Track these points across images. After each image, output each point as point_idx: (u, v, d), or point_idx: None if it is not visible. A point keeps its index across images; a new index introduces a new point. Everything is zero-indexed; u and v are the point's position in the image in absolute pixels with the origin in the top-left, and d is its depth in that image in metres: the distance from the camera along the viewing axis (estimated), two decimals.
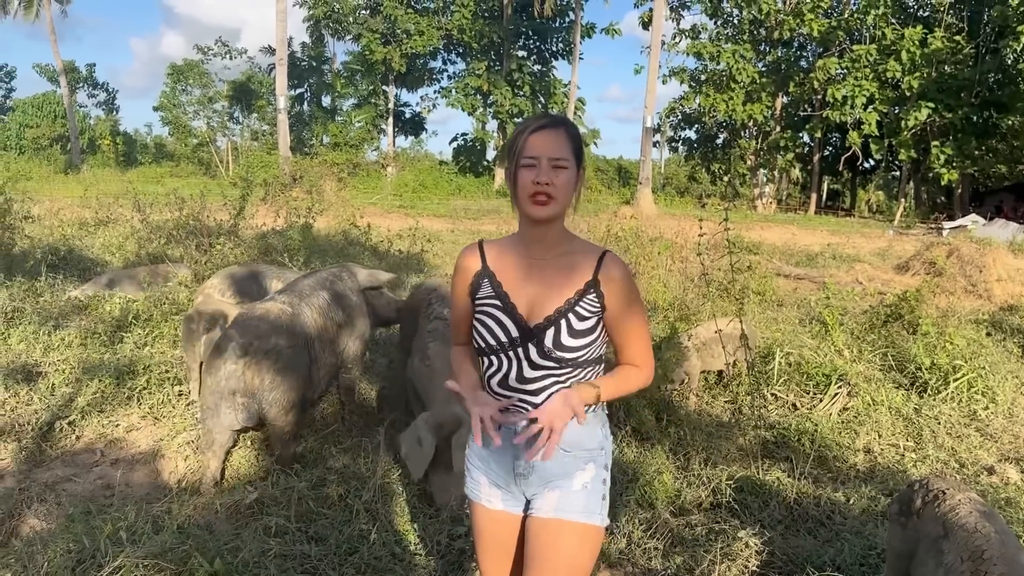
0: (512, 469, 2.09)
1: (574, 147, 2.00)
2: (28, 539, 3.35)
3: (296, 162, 27.89)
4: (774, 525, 3.89)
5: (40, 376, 5.33)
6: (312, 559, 3.36)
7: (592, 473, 2.09)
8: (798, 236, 18.79)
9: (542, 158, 1.96)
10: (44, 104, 42.79)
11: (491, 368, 2.08)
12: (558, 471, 2.07)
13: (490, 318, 2.06)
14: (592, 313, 2.02)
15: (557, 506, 2.05)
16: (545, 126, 1.99)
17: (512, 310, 2.04)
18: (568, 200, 2.02)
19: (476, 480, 2.18)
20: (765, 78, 31.26)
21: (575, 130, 2.04)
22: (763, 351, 6.14)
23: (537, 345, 2.00)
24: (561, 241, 2.08)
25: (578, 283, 2.02)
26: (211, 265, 7.63)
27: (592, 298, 2.02)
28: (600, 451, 2.11)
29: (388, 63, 36.23)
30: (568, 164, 1.98)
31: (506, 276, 2.09)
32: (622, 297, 2.03)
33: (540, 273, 2.06)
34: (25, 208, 10.02)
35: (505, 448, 2.09)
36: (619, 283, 2.03)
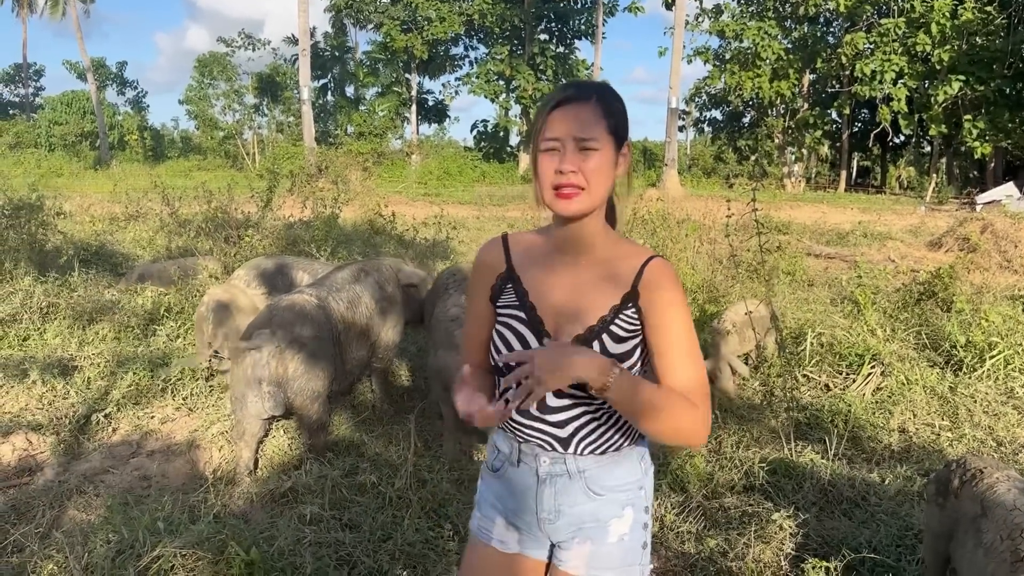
0: (535, 512, 1.75)
1: (610, 123, 1.59)
2: (68, 530, 3.41)
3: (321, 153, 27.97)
4: (808, 507, 3.86)
5: (76, 370, 5.42)
6: (347, 546, 3.39)
7: (630, 521, 1.73)
8: (828, 214, 18.54)
9: (566, 140, 1.57)
10: (73, 101, 43.32)
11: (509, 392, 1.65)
12: (590, 518, 1.73)
13: (511, 332, 1.70)
14: (630, 333, 1.64)
15: (590, 563, 1.73)
16: (569, 99, 1.60)
17: (538, 325, 1.68)
18: (604, 190, 1.61)
19: (489, 518, 1.84)
20: (791, 55, 30.81)
21: (612, 100, 1.63)
22: (794, 332, 6.08)
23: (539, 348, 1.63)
24: (601, 242, 1.69)
25: (615, 295, 1.65)
26: (240, 257, 7.69)
27: (630, 314, 1.64)
28: (639, 491, 1.75)
29: (410, 51, 36.22)
30: (600, 145, 1.57)
31: (533, 281, 1.72)
32: (666, 314, 1.62)
33: (573, 280, 1.68)
34: (57, 205, 10.15)
35: (525, 488, 1.75)
36: (662, 295, 1.62)
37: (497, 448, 1.83)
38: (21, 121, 43.48)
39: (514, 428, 1.75)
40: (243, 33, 40.98)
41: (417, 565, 3.33)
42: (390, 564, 3.30)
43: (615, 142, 1.61)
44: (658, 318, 1.62)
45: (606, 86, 1.67)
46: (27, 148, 36.25)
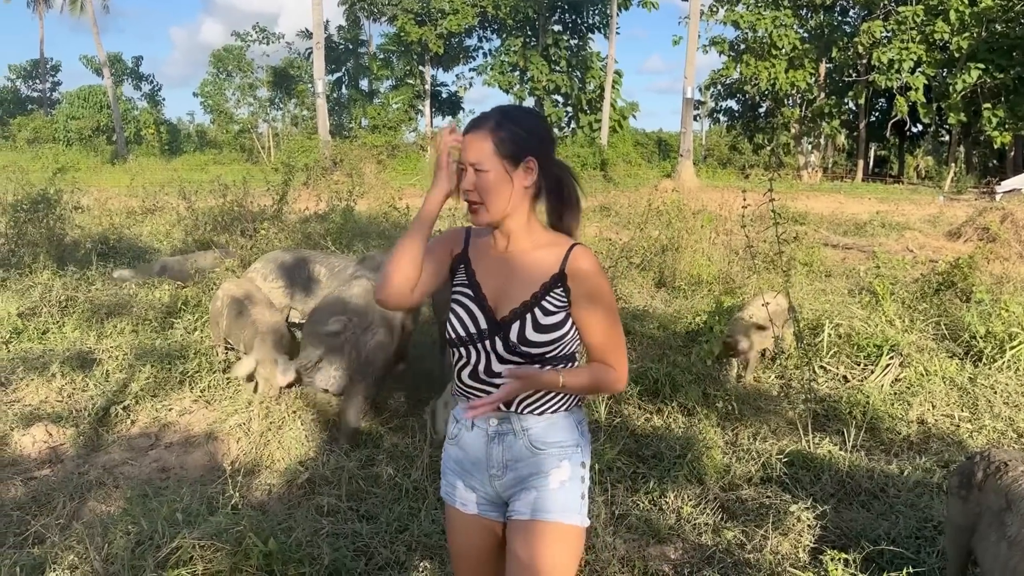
0: (486, 469, 2.04)
1: (500, 148, 1.91)
2: (88, 521, 3.44)
3: (336, 146, 28.05)
4: (826, 499, 3.83)
5: (95, 363, 5.46)
6: (363, 537, 3.41)
7: (568, 471, 2.01)
8: (845, 205, 18.41)
9: (466, 164, 1.92)
10: (90, 96, 43.55)
11: (461, 360, 2.02)
12: (532, 470, 2.01)
13: (462, 308, 2.01)
14: (559, 308, 1.95)
15: (535, 507, 1.99)
16: (469, 128, 1.95)
17: (482, 301, 1.99)
18: (502, 201, 1.93)
19: (451, 483, 2.12)
20: (807, 44, 30.54)
21: (506, 128, 1.93)
22: (812, 323, 6.04)
23: (503, 339, 1.95)
24: (527, 235, 2.00)
25: (544, 276, 1.95)
26: (256, 250, 7.72)
27: (559, 292, 1.95)
28: (575, 448, 2.04)
29: (424, 43, 36.18)
30: (488, 167, 1.90)
31: (479, 267, 2.04)
32: (589, 291, 1.95)
33: (508, 266, 1.99)
34: (75, 199, 10.23)
35: (478, 448, 2.04)
36: (586, 276, 1.94)
37: (455, 418, 2.12)
38: (39, 116, 43.81)
39: (465, 392, 2.05)
40: (257, 27, 41.07)
41: (434, 556, 3.34)
42: (407, 555, 3.31)
43: (508, 162, 1.92)
44: (582, 295, 1.95)
45: (510, 113, 1.97)
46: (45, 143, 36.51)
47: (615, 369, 2.01)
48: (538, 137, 1.98)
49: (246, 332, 5.03)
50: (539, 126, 2.01)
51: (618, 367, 2.01)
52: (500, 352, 1.96)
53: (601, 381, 2.00)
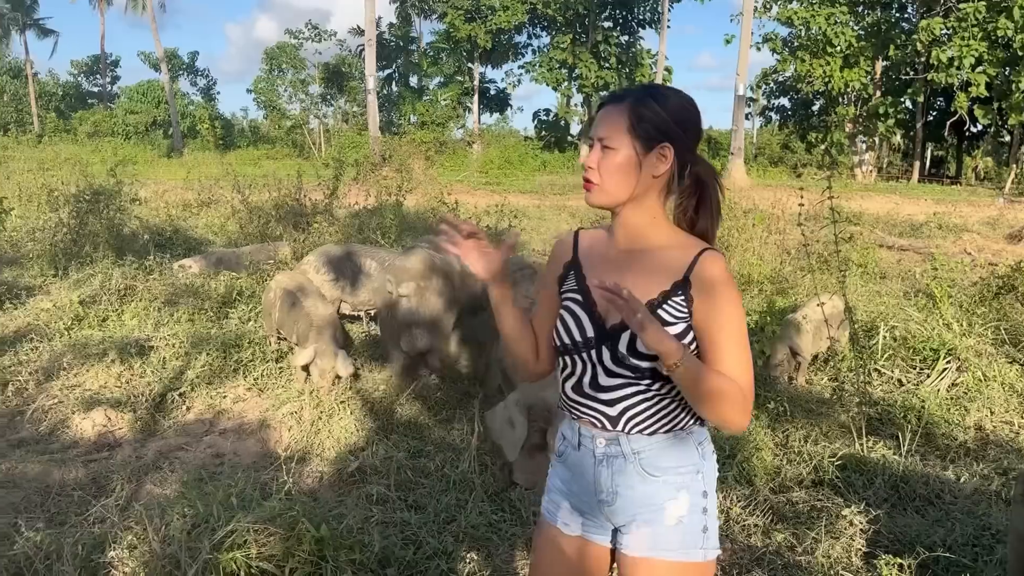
0: (595, 493, 1.82)
1: (637, 125, 1.70)
2: (146, 503, 3.53)
3: (385, 142, 28.32)
4: (880, 503, 3.76)
5: (152, 350, 5.59)
6: (412, 526, 3.44)
7: (686, 504, 1.77)
8: (901, 205, 17.99)
9: (595, 138, 1.75)
10: (148, 91, 44.68)
11: (566, 370, 1.83)
12: (645, 500, 1.77)
13: (570, 314, 1.81)
14: (678, 319, 1.70)
15: (651, 544, 1.77)
16: (606, 102, 1.77)
17: (591, 306, 1.78)
18: (622, 188, 1.72)
19: (555, 502, 1.93)
20: (863, 42, 29.89)
21: (648, 104, 1.72)
22: (866, 325, 5.93)
23: (611, 349, 1.73)
24: (651, 233, 1.77)
25: (665, 282, 1.71)
26: (309, 243, 7.84)
27: (680, 301, 1.70)
28: (695, 475, 1.78)
29: (473, 40, 36.29)
30: (617, 144, 1.70)
31: (591, 268, 1.84)
32: (716, 305, 1.69)
33: (625, 268, 1.77)
34: (133, 191, 10.50)
35: (586, 470, 1.83)
36: (714, 286, 1.69)
37: (562, 435, 1.92)
38: (99, 110, 45.01)
39: (569, 406, 1.85)
40: (310, 24, 41.64)
41: (481, 548, 3.36)
42: (455, 546, 3.34)
43: (641, 144, 1.71)
44: (709, 308, 1.69)
45: (655, 91, 1.77)
46: (104, 136, 37.53)
47: (744, 393, 1.69)
48: (681, 124, 1.74)
49: (299, 324, 5.12)
50: (684, 112, 1.75)
51: (747, 393, 1.70)
52: (608, 364, 1.75)
53: (719, 392, 1.64)
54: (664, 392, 1.74)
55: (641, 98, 1.73)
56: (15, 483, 3.94)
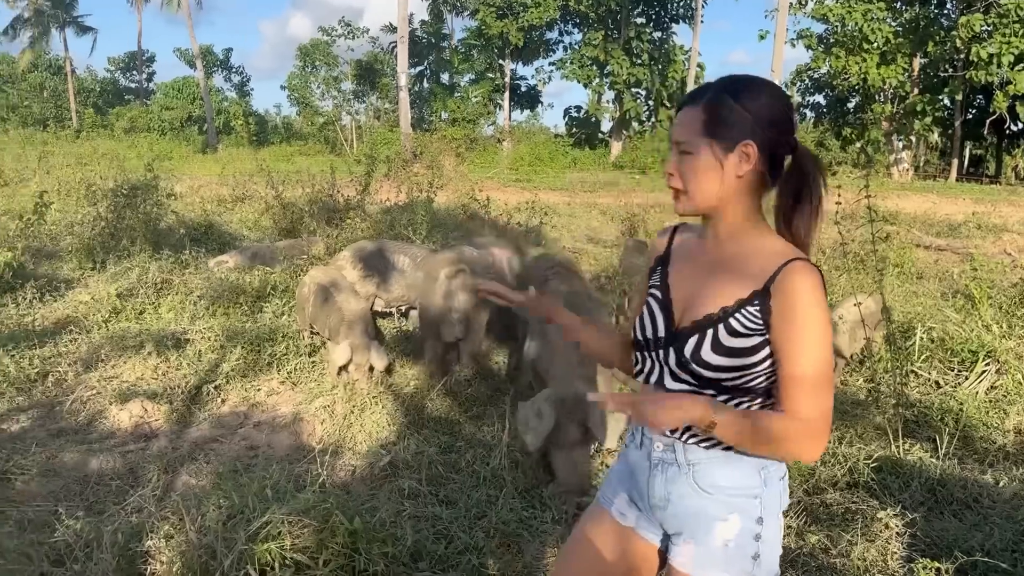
0: (648, 498, 1.77)
1: (710, 126, 1.61)
2: (183, 494, 3.58)
3: (416, 138, 28.46)
4: (916, 506, 3.71)
5: (188, 343, 5.67)
6: (443, 521, 3.46)
7: (736, 528, 1.66)
8: (938, 205, 17.71)
9: (672, 143, 1.67)
10: (183, 88, 45.26)
11: (637, 367, 1.79)
12: (694, 515, 1.69)
13: (647, 309, 1.76)
14: (751, 331, 1.59)
15: (696, 562, 1.69)
16: (685, 101, 1.67)
17: (667, 305, 1.73)
18: (707, 193, 1.64)
19: (614, 490, 1.88)
20: (901, 38, 29.43)
21: (721, 102, 1.62)
22: (903, 326, 5.84)
23: (677, 352, 1.65)
24: (743, 235, 1.68)
25: (743, 290, 1.61)
26: (342, 239, 7.89)
27: (754, 311, 1.59)
28: (752, 499, 1.67)
29: (505, 37, 36.28)
30: (693, 148, 1.62)
31: (677, 267, 1.78)
32: (793, 319, 1.55)
33: (709, 270, 1.69)
34: (169, 186, 10.64)
35: (641, 472, 1.78)
36: (796, 300, 1.55)
37: (632, 431, 1.87)
38: (136, 106, 45.70)
39: None
40: (343, 22, 41.93)
41: (512, 544, 3.37)
42: (485, 541, 3.35)
43: (719, 144, 1.61)
44: (786, 326, 1.56)
45: (737, 84, 1.65)
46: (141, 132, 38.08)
47: (802, 419, 1.55)
48: (765, 118, 1.62)
49: (332, 318, 5.16)
50: (769, 104, 1.63)
51: (807, 415, 1.55)
52: (673, 367, 1.68)
53: (778, 435, 1.54)
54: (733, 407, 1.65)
55: (717, 95, 1.64)
56: (55, 472, 4.02)
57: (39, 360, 5.41)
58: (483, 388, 5.22)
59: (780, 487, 1.74)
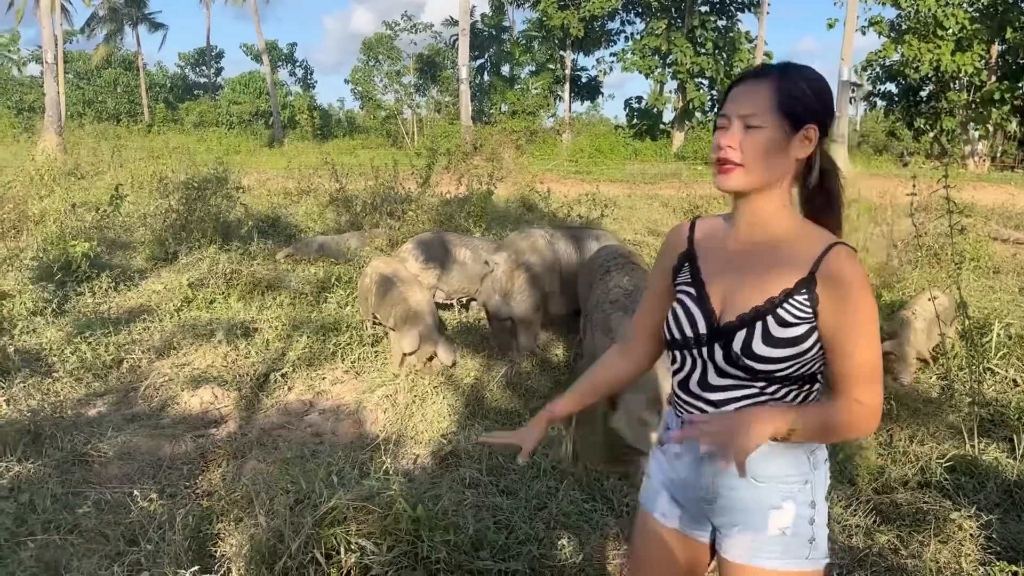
0: (695, 491, 1.76)
1: (783, 103, 1.58)
2: (252, 479, 3.67)
3: (477, 131, 28.53)
4: (991, 508, 3.59)
5: (256, 332, 5.81)
6: (504, 511, 3.47)
7: (792, 515, 1.66)
8: (1017, 197, 17.01)
9: (733, 116, 1.60)
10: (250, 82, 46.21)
11: (675, 366, 1.77)
12: (747, 505, 1.69)
13: (682, 307, 1.72)
14: (800, 319, 1.59)
15: (752, 552, 1.69)
16: (747, 76, 1.64)
17: (705, 301, 1.70)
18: (767, 170, 1.60)
19: (655, 490, 1.86)
20: (978, 24, 28.34)
21: (796, 81, 1.61)
22: (979, 322, 5.64)
23: (724, 348, 1.64)
24: (777, 222, 1.66)
25: (788, 279, 1.60)
26: (404, 231, 7.98)
27: (803, 300, 1.59)
28: (804, 486, 1.68)
29: (565, 28, 36.10)
30: (763, 123, 1.58)
31: (708, 260, 1.74)
32: (846, 304, 1.56)
33: (744, 261, 1.67)
34: (237, 179, 10.90)
35: (687, 467, 1.76)
36: (845, 285, 1.56)
37: (667, 424, 1.85)
38: (205, 101, 46.89)
39: (678, 404, 1.78)
40: (406, 15, 42.30)
41: (572, 535, 3.36)
42: (546, 532, 3.35)
43: (789, 123, 1.59)
44: (837, 310, 1.57)
45: (795, 67, 1.65)
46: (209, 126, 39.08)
47: (865, 405, 1.60)
48: (824, 102, 1.63)
49: (397, 308, 5.22)
50: (827, 91, 1.65)
51: (870, 402, 1.60)
52: (719, 363, 1.66)
53: (845, 425, 1.61)
54: (778, 397, 1.65)
55: (787, 73, 1.62)
56: (130, 455, 4.16)
57: (114, 347, 5.61)
58: (543, 380, 5.22)
59: (826, 469, 1.74)
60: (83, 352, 5.44)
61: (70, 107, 39.74)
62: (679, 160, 30.48)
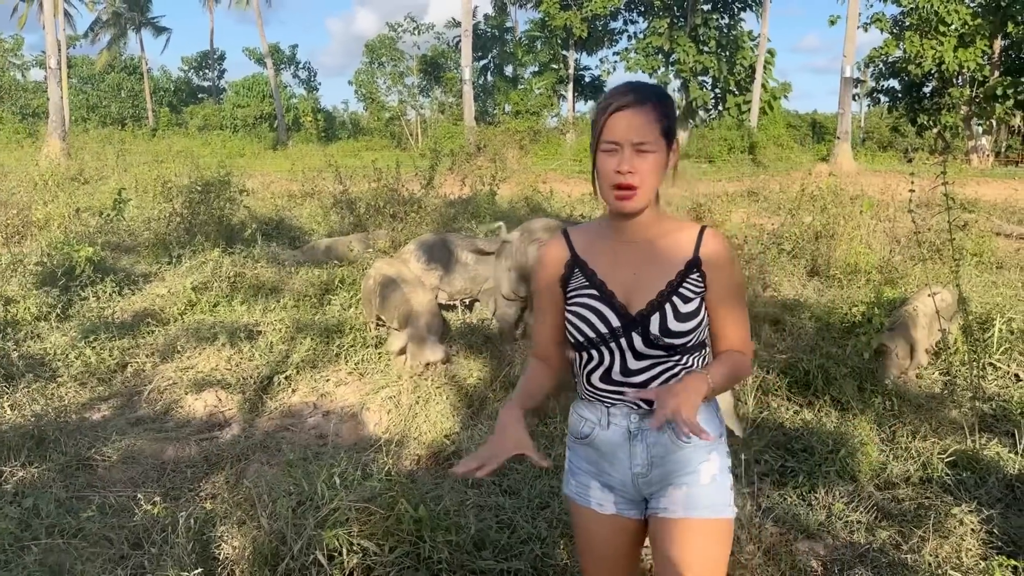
0: (629, 468, 1.92)
1: (663, 125, 1.78)
2: (255, 481, 3.69)
3: (480, 131, 28.55)
4: (993, 503, 3.60)
5: (259, 334, 5.82)
6: (506, 511, 3.48)
7: (717, 463, 1.92)
8: (1020, 192, 16.96)
9: (624, 144, 1.76)
10: (253, 85, 46.34)
11: (591, 363, 1.91)
12: (681, 466, 1.90)
13: (587, 309, 1.89)
14: (696, 294, 1.85)
15: (686, 504, 1.89)
16: (628, 104, 1.77)
17: (611, 298, 1.87)
18: (656, 186, 1.82)
19: (584, 484, 2.01)
20: (980, 19, 28.25)
21: (666, 102, 1.82)
22: (981, 317, 5.64)
23: (643, 333, 1.84)
24: (654, 221, 1.88)
25: (679, 263, 1.86)
26: (407, 232, 7.99)
27: (695, 278, 1.85)
28: (720, 439, 1.95)
29: (568, 28, 36.13)
30: (655, 147, 1.77)
31: (599, 263, 1.91)
32: (725, 276, 1.87)
33: (635, 257, 1.88)
34: (241, 182, 10.92)
35: (618, 446, 1.92)
36: (722, 260, 1.86)
37: (583, 417, 1.99)
38: (209, 104, 47.02)
39: (600, 396, 1.93)
40: (408, 17, 42.35)
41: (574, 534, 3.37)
42: (548, 531, 3.36)
43: (666, 142, 1.80)
44: (721, 282, 1.87)
45: (660, 90, 1.87)
46: (213, 130, 39.18)
47: (746, 354, 1.93)
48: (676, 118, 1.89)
49: (400, 309, 5.24)
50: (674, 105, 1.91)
51: (749, 352, 1.94)
52: (638, 348, 1.86)
53: (739, 370, 1.91)
54: (688, 366, 1.89)
55: (661, 99, 1.81)
56: (134, 458, 4.19)
57: (119, 351, 5.64)
58: None
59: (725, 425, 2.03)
60: (87, 356, 5.47)
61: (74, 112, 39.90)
62: (683, 158, 30.37)
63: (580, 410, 2.00)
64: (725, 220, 9.99)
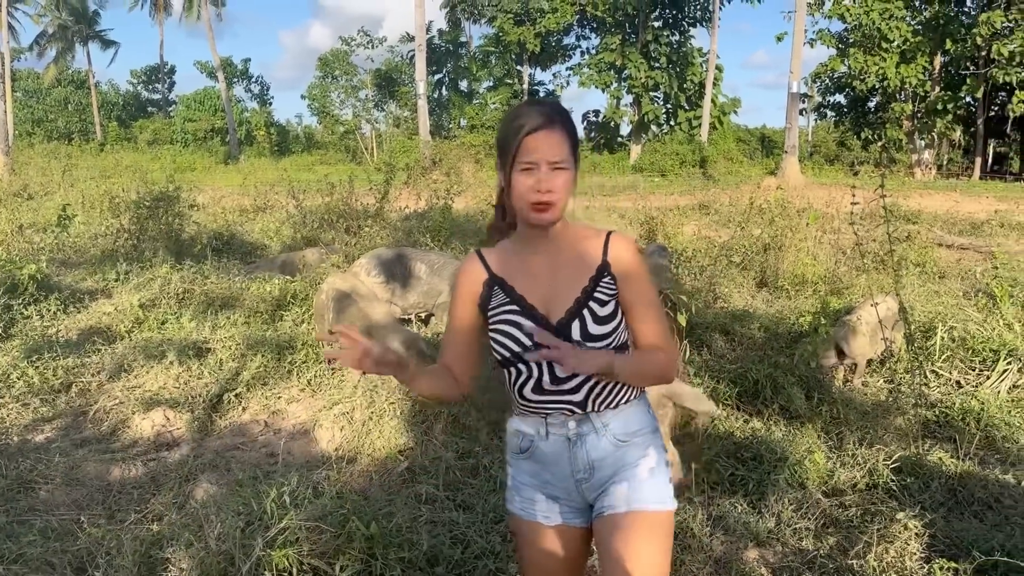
0: (571, 474, 1.98)
1: (572, 144, 1.90)
2: (203, 502, 3.63)
3: (436, 146, 28.56)
4: (936, 507, 3.68)
5: (209, 352, 5.73)
6: (460, 526, 3.47)
7: (655, 457, 1.99)
8: (961, 203, 17.49)
9: (541, 163, 1.85)
10: (205, 99, 45.72)
11: (521, 376, 1.95)
12: (620, 464, 1.97)
13: (509, 324, 1.94)
14: (610, 296, 1.92)
15: (629, 499, 1.95)
16: (543, 126, 1.86)
17: (531, 311, 1.93)
18: (568, 199, 1.91)
19: (529, 498, 2.04)
20: (920, 36, 29.14)
21: (571, 123, 1.93)
22: (923, 326, 5.79)
23: (566, 341, 1.88)
24: (563, 231, 1.96)
25: (590, 269, 1.93)
26: (360, 247, 7.96)
27: (608, 281, 1.93)
28: (654, 434, 2.03)
29: (522, 43, 36.40)
30: (568, 165, 1.88)
31: (516, 279, 1.97)
32: (634, 276, 1.94)
33: (549, 268, 1.95)
34: (191, 197, 10.76)
35: (559, 454, 1.98)
36: (629, 262, 1.94)
37: (521, 431, 2.03)
38: (158, 119, 46.27)
39: (535, 408, 1.97)
40: (362, 31, 42.32)
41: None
42: (502, 545, 3.36)
43: (574, 159, 1.91)
44: (631, 283, 1.94)
45: (564, 109, 1.95)
46: (163, 144, 38.56)
47: (665, 352, 1.97)
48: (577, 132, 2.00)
49: (359, 325, 5.20)
50: None
51: (669, 349, 1.98)
52: None
53: (651, 363, 1.96)
54: None
55: (565, 117, 1.91)
56: (78, 480, 4.08)
57: (63, 371, 5.49)
58: (501, 394, 5.23)
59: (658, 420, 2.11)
60: (30, 376, 5.32)
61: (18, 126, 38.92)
62: (636, 172, 30.78)
63: (517, 425, 2.04)
64: (677, 233, 10.13)
